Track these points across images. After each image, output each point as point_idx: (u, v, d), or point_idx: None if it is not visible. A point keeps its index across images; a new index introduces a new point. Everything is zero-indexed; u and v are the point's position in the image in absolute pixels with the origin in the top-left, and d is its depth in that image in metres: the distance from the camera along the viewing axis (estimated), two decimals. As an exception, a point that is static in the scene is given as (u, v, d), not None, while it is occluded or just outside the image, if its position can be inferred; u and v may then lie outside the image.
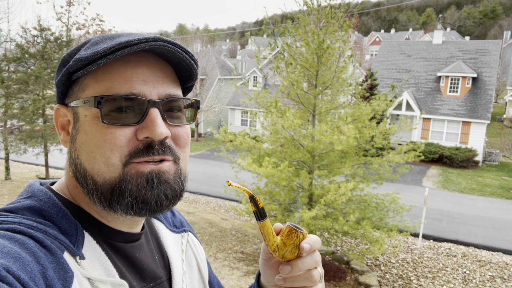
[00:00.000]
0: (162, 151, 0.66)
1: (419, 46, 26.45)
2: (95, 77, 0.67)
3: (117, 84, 0.65)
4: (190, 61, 0.71)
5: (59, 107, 0.73)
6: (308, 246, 0.69)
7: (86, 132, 0.66)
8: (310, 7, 8.04)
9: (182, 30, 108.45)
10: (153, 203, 0.66)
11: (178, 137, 0.71)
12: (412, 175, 18.89)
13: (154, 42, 0.64)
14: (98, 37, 0.69)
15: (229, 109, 28.84)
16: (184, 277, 0.83)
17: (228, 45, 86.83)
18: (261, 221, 0.70)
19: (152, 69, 0.68)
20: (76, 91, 0.69)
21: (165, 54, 0.69)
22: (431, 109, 23.02)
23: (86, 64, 0.65)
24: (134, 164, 0.65)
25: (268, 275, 0.78)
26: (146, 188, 0.65)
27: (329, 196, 6.94)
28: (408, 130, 7.97)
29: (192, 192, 15.22)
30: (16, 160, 19.90)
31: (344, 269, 9.12)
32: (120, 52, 0.63)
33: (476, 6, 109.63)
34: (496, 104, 45.24)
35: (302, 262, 0.70)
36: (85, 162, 0.66)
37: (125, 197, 0.64)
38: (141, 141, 0.66)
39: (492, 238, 11.46)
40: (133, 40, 0.63)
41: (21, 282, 0.50)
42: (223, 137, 8.51)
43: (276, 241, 0.71)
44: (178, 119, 0.72)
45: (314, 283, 0.71)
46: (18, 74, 12.56)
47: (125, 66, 0.66)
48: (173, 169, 0.69)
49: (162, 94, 0.68)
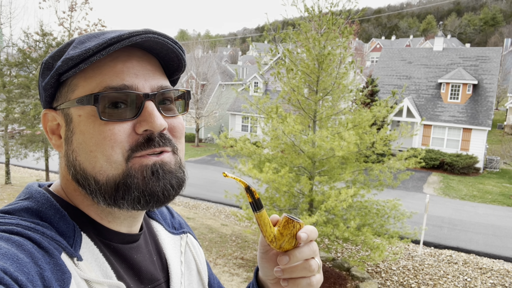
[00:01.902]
0: (162, 143, 0.67)
1: (420, 53, 26.53)
2: (84, 75, 0.66)
3: (108, 78, 0.65)
4: (179, 51, 0.71)
5: (46, 111, 0.72)
6: (305, 236, 0.69)
7: (83, 132, 0.65)
8: (311, 14, 8.08)
9: (183, 36, 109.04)
10: (160, 194, 0.66)
11: (174, 128, 0.71)
12: (413, 182, 18.85)
13: (145, 35, 0.64)
14: (83, 36, 0.68)
15: (230, 114, 28.88)
16: (183, 279, 0.83)
17: (229, 51, 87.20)
18: (257, 212, 0.70)
19: (142, 63, 0.68)
20: (65, 92, 0.69)
21: (153, 47, 0.69)
22: (431, 116, 23.04)
23: (78, 63, 0.64)
24: (136, 158, 0.65)
25: (266, 269, 0.78)
26: (153, 180, 0.65)
27: (329, 202, 6.92)
28: (409, 136, 7.96)
29: (192, 197, 15.19)
30: (17, 165, 19.91)
31: (344, 276, 9.06)
32: (112, 47, 0.63)
33: (477, 14, 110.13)
34: (497, 111, 45.26)
35: (299, 252, 0.70)
36: (85, 162, 0.66)
37: (131, 192, 0.64)
38: (141, 134, 0.66)
39: (493, 245, 11.40)
40: (124, 34, 0.63)
41: (19, 283, 0.50)
42: (223, 142, 8.51)
43: (273, 232, 0.71)
44: (172, 110, 0.72)
45: (312, 272, 0.71)
46: (19, 79, 12.60)
47: (115, 61, 0.66)
48: (173, 159, 0.69)
49: (154, 86, 0.69)
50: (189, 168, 0.78)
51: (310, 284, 0.71)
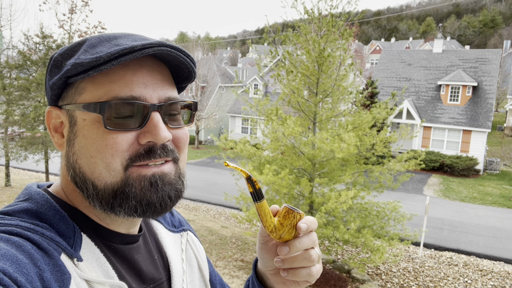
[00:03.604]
0: (164, 155, 0.67)
1: (419, 55, 26.56)
2: (93, 80, 0.66)
3: (117, 87, 0.65)
4: (190, 64, 0.71)
5: (51, 109, 0.71)
6: (305, 226, 0.70)
7: (86, 136, 0.65)
8: (311, 16, 8.09)
9: (183, 38, 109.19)
10: (158, 205, 0.66)
11: (178, 139, 0.71)
12: (413, 184, 18.84)
13: (158, 48, 0.64)
14: (95, 38, 0.68)
15: (230, 116, 28.88)
16: (185, 276, 0.83)
17: (229, 53, 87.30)
18: (258, 202, 0.71)
19: (152, 72, 0.68)
20: (72, 93, 0.68)
21: (165, 58, 0.69)
22: (431, 118, 23.05)
23: (87, 69, 0.64)
24: (135, 168, 0.65)
25: (266, 259, 0.78)
26: (150, 191, 0.65)
27: (329, 204, 6.91)
28: (409, 138, 7.96)
29: (192, 199, 15.18)
30: (16, 167, 19.89)
31: (344, 278, 9.04)
32: (124, 58, 0.62)
33: (476, 16, 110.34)
34: (497, 113, 45.30)
35: (299, 242, 0.71)
36: (84, 166, 0.66)
37: (129, 201, 0.64)
38: (143, 145, 0.65)
39: (494, 247, 11.39)
40: (137, 46, 0.62)
41: (18, 284, 0.49)
42: (223, 144, 8.51)
43: (273, 222, 0.72)
44: (177, 121, 0.72)
45: (313, 262, 0.71)
46: (19, 81, 12.62)
47: (125, 70, 0.65)
48: (174, 169, 0.69)
49: (162, 97, 0.68)
50: (189, 170, 0.77)
51: (310, 274, 0.72)
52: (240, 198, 8.51)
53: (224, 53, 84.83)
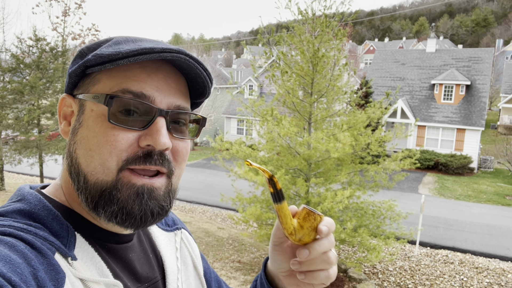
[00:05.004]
0: (160, 162, 0.66)
1: (413, 55, 26.72)
2: (109, 73, 0.67)
3: (129, 82, 0.66)
4: (206, 79, 0.72)
5: (65, 96, 0.73)
6: (326, 229, 0.68)
7: (89, 128, 0.66)
8: (305, 17, 8.11)
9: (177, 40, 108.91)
10: (138, 217, 0.65)
11: (178, 151, 0.71)
12: (408, 183, 18.93)
13: (177, 54, 0.65)
14: (121, 37, 0.70)
15: (225, 117, 28.87)
16: (179, 275, 0.83)
17: (223, 54, 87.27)
18: (278, 203, 0.69)
19: (167, 79, 0.68)
20: (87, 83, 0.69)
21: (183, 67, 0.69)
22: (425, 117, 23.18)
23: (105, 61, 0.65)
24: (128, 171, 0.65)
25: (279, 261, 0.76)
26: (134, 201, 0.64)
27: (326, 204, 6.92)
28: (403, 137, 8.00)
29: (189, 201, 15.15)
30: (11, 171, 19.75)
31: (341, 277, 9.06)
32: (142, 56, 0.63)
33: (468, 15, 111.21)
34: (490, 111, 45.64)
35: (319, 245, 0.68)
36: (81, 158, 0.66)
37: (112, 204, 0.64)
38: (142, 148, 0.65)
39: (489, 244, 11.46)
40: (156, 48, 0.63)
41: (12, 283, 0.49)
42: (219, 145, 8.49)
43: (293, 224, 0.69)
44: (182, 133, 0.71)
45: (331, 265, 0.70)
46: (13, 84, 12.52)
47: (142, 69, 0.66)
48: (165, 184, 0.68)
49: (171, 104, 0.68)
50: (185, 171, 0.77)
51: (328, 277, 0.70)
52: (237, 199, 8.50)
53: (218, 55, 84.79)
